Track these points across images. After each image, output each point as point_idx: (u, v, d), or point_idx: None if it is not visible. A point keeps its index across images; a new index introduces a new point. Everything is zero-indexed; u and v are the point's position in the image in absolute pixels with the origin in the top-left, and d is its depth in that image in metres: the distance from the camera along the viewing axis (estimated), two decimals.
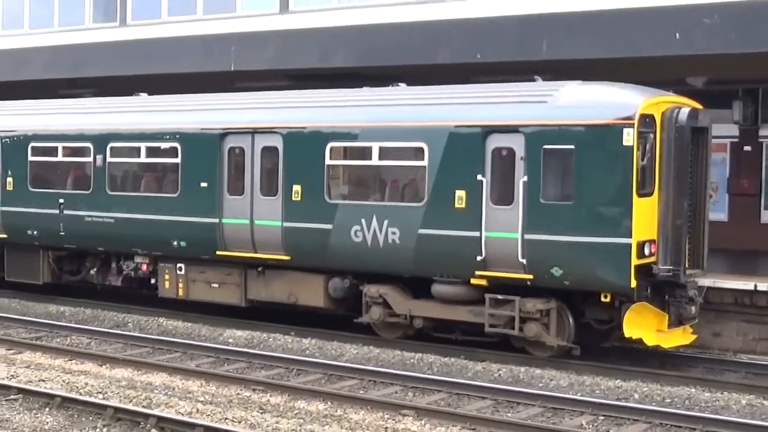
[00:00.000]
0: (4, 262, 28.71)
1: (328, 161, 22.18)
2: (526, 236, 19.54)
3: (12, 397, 17.28)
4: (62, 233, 26.66)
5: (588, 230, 19.03)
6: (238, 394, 17.74)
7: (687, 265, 19.67)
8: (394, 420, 16.01)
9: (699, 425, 15.68)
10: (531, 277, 19.63)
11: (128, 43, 31.15)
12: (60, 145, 27.07)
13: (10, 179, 27.75)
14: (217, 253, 23.76)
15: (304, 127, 22.62)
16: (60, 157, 27.11)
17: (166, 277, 25.05)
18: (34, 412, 16.45)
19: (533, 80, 21.10)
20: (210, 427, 14.98)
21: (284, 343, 22.20)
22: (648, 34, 22.11)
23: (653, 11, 22.23)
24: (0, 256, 28.79)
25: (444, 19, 25.10)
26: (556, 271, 19.30)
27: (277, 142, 22.85)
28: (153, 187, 25.27)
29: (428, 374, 19.13)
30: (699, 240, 20.15)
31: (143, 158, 25.51)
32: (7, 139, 27.93)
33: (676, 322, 19.77)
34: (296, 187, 22.48)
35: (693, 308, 19.79)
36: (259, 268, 23.44)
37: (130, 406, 16.36)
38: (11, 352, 21.37)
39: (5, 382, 18.14)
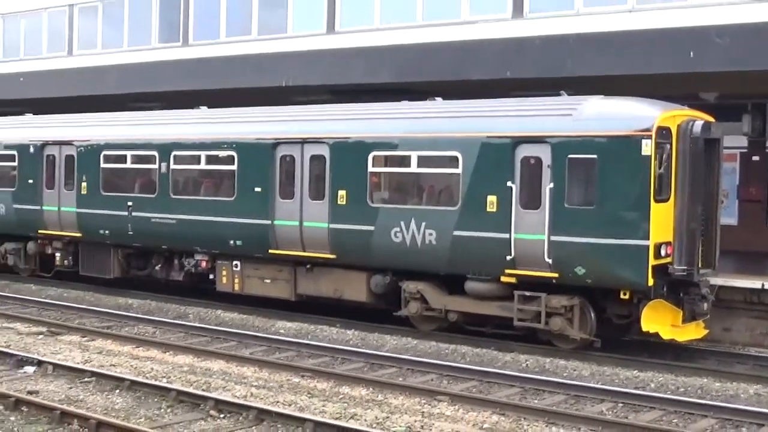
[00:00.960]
0: (79, 258, 28.87)
1: (370, 168, 22.14)
2: (552, 238, 19.42)
3: (86, 379, 17.42)
4: (130, 233, 26.77)
5: (609, 233, 18.90)
6: (288, 379, 17.74)
7: (700, 265, 19.48)
8: (429, 405, 15.96)
9: (710, 413, 15.59)
10: (556, 275, 19.51)
11: (190, 62, 31.28)
12: (129, 153, 27.17)
13: (84, 184, 27.90)
14: (270, 251, 23.77)
15: (348, 138, 22.59)
16: (129, 164, 27.21)
17: (224, 273, 25.08)
18: (106, 393, 16.55)
19: (559, 95, 20.97)
20: (263, 410, 15.01)
21: (330, 333, 22.19)
22: (664, 52, 21.98)
23: (669, 32, 22.11)
24: (75, 253, 28.98)
25: (477, 39, 25.03)
26: (580, 270, 19.17)
27: (324, 151, 22.82)
28: (212, 191, 25.33)
29: (461, 363, 19.07)
30: (711, 242, 19.98)
31: (203, 165, 25.58)
32: (82, 148, 28.07)
33: (690, 317, 19.64)
34: (341, 192, 22.45)
35: (705, 305, 19.64)
36: (308, 266, 23.41)
37: (191, 390, 16.44)
38: (85, 339, 21.53)
39: (80, 366, 18.31)
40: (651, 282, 18.72)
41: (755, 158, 26.96)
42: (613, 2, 22.90)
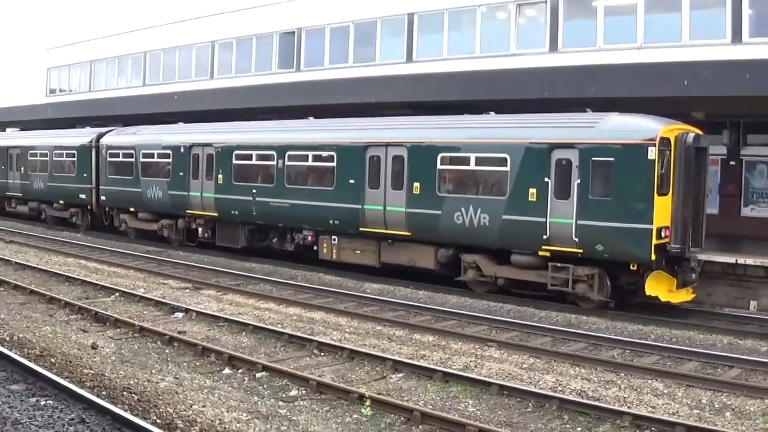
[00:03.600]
0: (215, 231, 29.31)
1: (438, 166, 22.18)
2: (579, 222, 19.39)
3: (220, 324, 17.78)
4: (254, 213, 27.07)
5: (622, 219, 18.83)
6: (373, 327, 17.92)
7: (690, 245, 19.41)
8: (482, 349, 16.08)
9: (695, 357, 15.67)
10: (581, 251, 19.48)
11: (301, 83, 31.50)
12: (254, 153, 27.45)
13: (220, 176, 28.20)
14: (360, 229, 23.92)
15: (422, 142, 22.66)
16: (254, 161, 27.45)
17: (324, 245, 25.28)
18: (235, 334, 16.90)
19: (585, 111, 20.88)
20: (353, 350, 15.23)
21: (405, 293, 22.26)
22: (665, 81, 21.79)
23: (669, 65, 21.99)
24: (213, 228, 29.38)
25: (522, 67, 25.07)
26: (599, 247, 19.14)
27: (403, 152, 22.91)
28: (316, 182, 25.45)
29: (506, 318, 19.12)
30: (699, 227, 19.83)
31: (310, 162, 25.71)
32: (219, 149, 28.40)
33: (682, 284, 19.53)
34: (416, 184, 22.53)
35: (694, 275, 19.56)
36: (389, 241, 23.53)
37: (299, 334, 16.68)
38: (220, 293, 21.83)
39: (216, 313, 18.63)
40: (653, 257, 18.65)
41: (732, 163, 26.74)
42: (626, 41, 22.81)
